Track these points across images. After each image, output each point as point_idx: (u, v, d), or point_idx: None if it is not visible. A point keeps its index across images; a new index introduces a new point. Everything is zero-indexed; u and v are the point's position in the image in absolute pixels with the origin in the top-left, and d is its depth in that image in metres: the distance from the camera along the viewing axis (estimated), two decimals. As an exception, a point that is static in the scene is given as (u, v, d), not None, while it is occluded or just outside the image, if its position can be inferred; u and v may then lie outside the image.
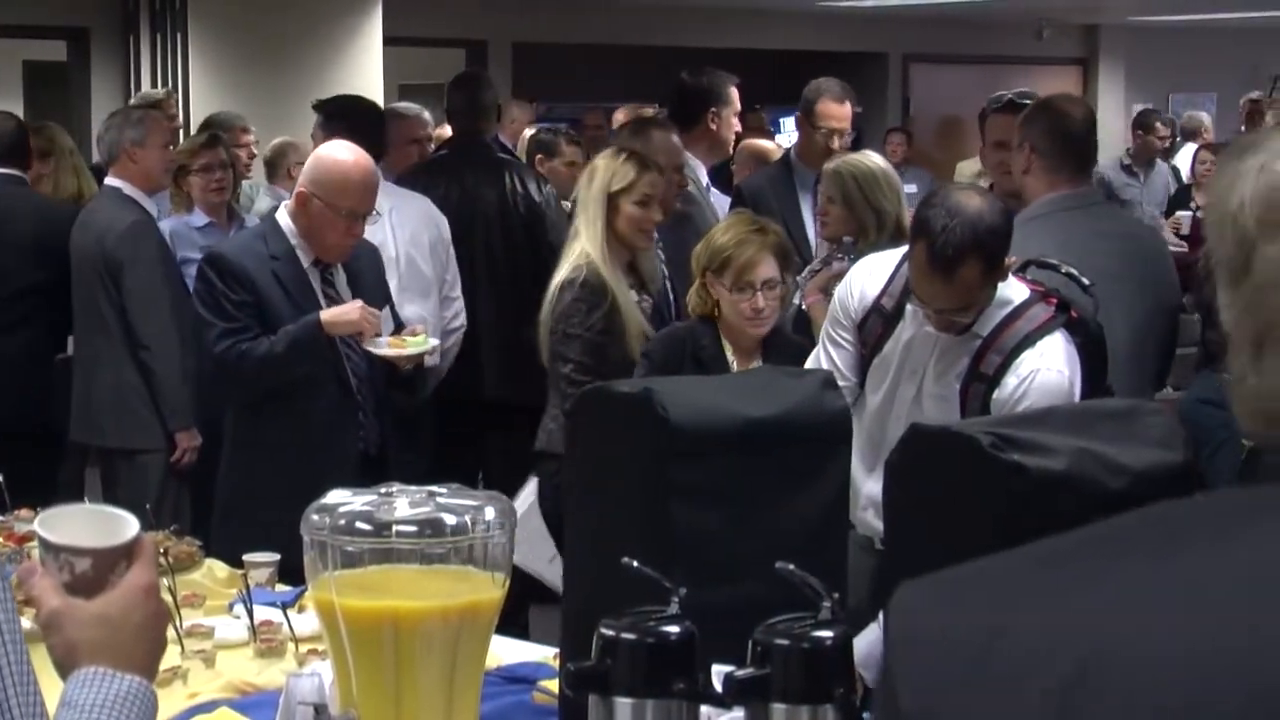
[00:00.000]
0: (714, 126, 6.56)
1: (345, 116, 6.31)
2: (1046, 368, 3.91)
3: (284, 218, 5.10)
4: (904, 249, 4.18)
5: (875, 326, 4.17)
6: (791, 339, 4.94)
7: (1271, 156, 1.15)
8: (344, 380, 5.01)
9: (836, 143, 6.60)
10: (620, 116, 8.80)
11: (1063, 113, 5.10)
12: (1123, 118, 16.87)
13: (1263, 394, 1.12)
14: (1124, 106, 17.48)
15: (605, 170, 5.19)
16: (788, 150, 7.19)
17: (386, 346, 5.04)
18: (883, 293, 4.17)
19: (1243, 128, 13.13)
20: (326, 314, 4.93)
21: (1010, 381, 3.92)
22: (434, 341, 5.33)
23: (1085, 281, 4.23)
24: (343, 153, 5.13)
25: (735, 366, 4.70)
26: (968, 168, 10.65)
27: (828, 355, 4.22)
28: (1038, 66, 17.23)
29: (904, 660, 1.07)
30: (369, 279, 5.22)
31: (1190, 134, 13.52)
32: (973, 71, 16.52)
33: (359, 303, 4.99)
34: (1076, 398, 3.91)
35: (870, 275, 4.24)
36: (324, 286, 5.08)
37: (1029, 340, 3.94)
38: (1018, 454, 2.70)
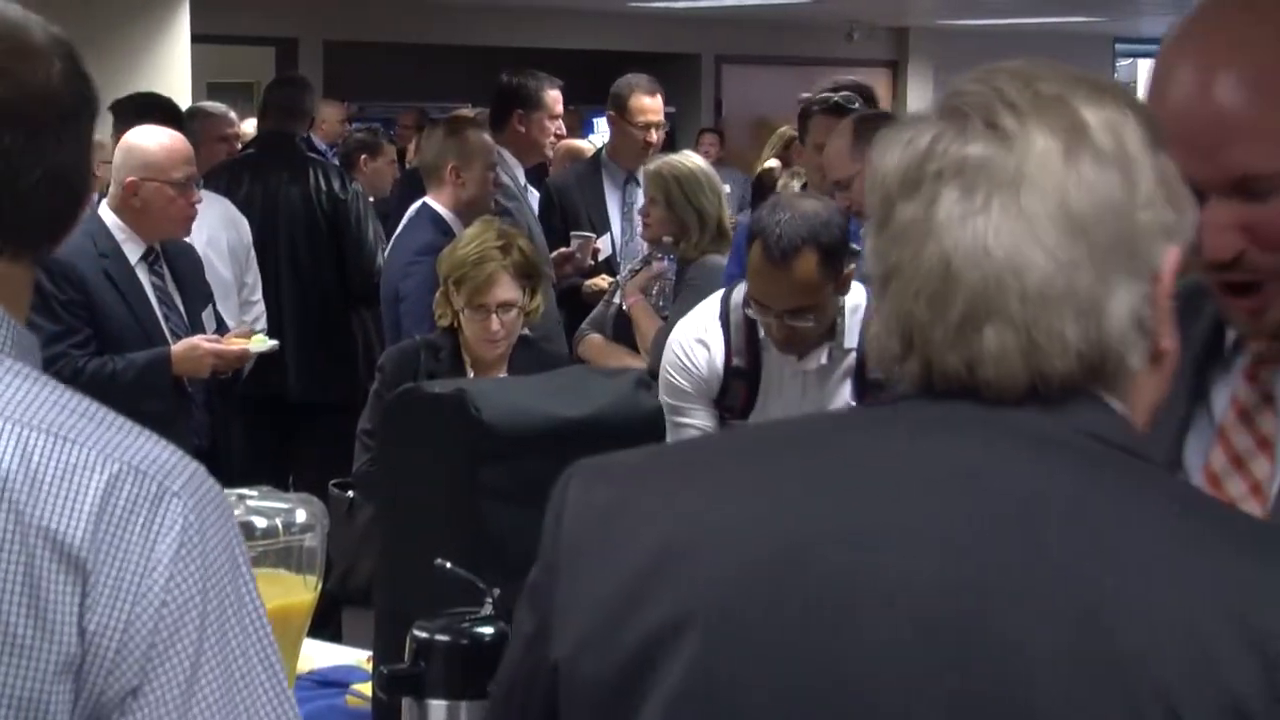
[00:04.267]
0: (521, 128, 6.54)
1: (142, 116, 6.23)
2: None
3: (107, 215, 5.12)
4: (708, 304, 4.12)
5: (739, 390, 4.08)
6: (542, 350, 4.79)
7: (917, 133, 1.34)
8: (177, 376, 4.98)
9: (654, 136, 6.62)
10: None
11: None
12: (931, 119, 17.11)
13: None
14: (932, 108, 17.73)
15: None
16: (599, 149, 7.21)
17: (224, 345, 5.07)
18: (729, 355, 4.08)
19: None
20: (176, 350, 4.91)
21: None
22: (273, 342, 5.32)
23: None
24: (153, 131, 5.24)
25: None
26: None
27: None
28: (849, 68, 17.41)
29: (560, 522, 1.37)
30: (191, 280, 5.24)
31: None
32: (785, 72, 16.66)
33: (200, 341, 4.97)
34: None
35: (702, 345, 4.10)
36: (153, 279, 5.08)
37: None
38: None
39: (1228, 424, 1.91)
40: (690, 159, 5.79)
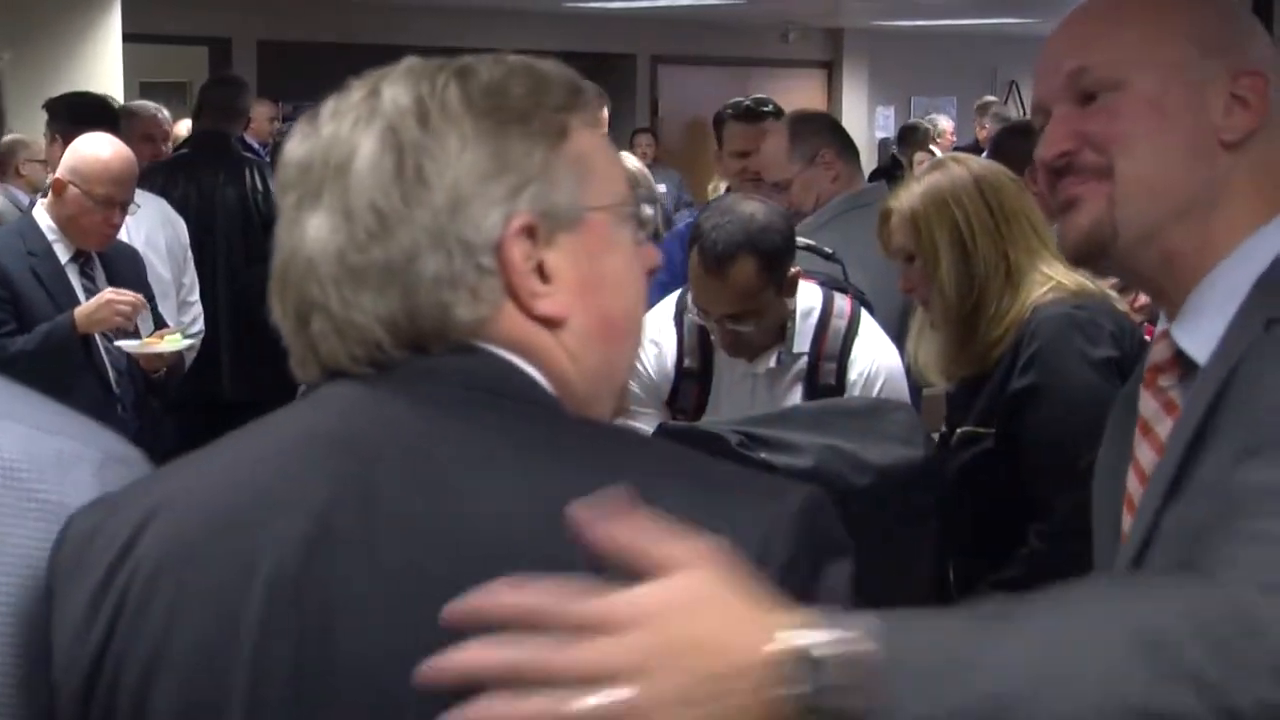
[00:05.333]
0: None
1: (74, 114, 6.20)
2: (878, 353, 3.88)
3: (41, 214, 5.12)
4: (665, 304, 4.11)
5: (690, 391, 4.03)
6: None
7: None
8: (102, 375, 4.95)
9: None
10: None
11: (830, 115, 5.20)
12: (866, 119, 17.17)
13: None
14: (868, 108, 17.79)
15: None
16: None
17: (141, 345, 5.00)
18: (681, 355, 4.04)
19: (978, 130, 13.45)
20: (80, 311, 4.88)
21: (857, 382, 3.87)
22: (188, 340, 5.28)
23: (828, 250, 4.29)
24: (101, 142, 5.20)
25: None
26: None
27: None
28: (784, 69, 17.47)
29: (51, 556, 1.44)
30: (129, 280, 5.20)
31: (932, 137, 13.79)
32: (720, 73, 16.70)
33: (108, 292, 4.94)
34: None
35: (654, 345, 4.06)
36: (83, 281, 5.06)
37: (850, 336, 3.89)
38: (765, 452, 2.72)
39: (1135, 439, 1.89)
40: (628, 161, 5.77)
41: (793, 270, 3.83)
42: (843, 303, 3.93)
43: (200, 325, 6.16)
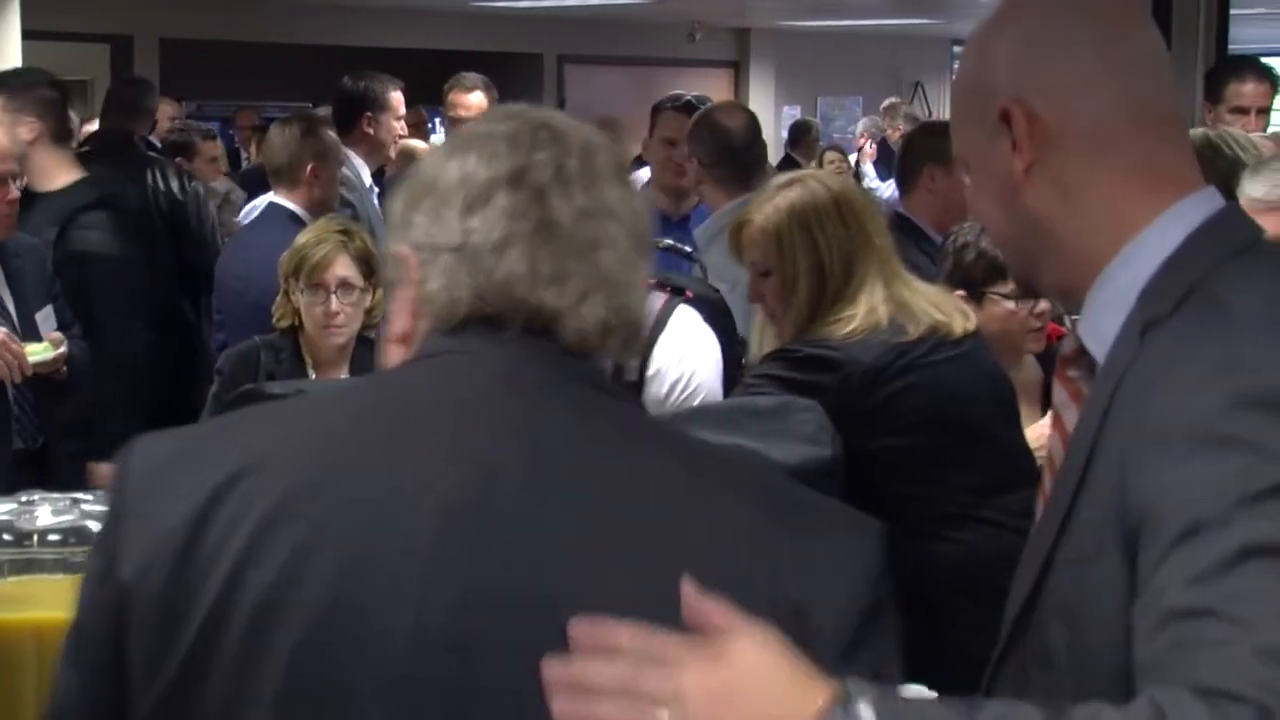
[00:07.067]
0: (370, 130, 6.51)
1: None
2: (683, 351, 3.82)
3: None
4: None
5: None
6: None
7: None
8: None
9: None
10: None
11: (722, 126, 5.24)
12: (773, 119, 17.23)
13: None
14: (774, 108, 17.85)
15: None
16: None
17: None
18: None
19: (889, 130, 13.53)
20: None
21: (653, 378, 3.81)
22: (51, 354, 5.02)
23: (686, 249, 4.35)
24: None
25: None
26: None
27: None
28: (690, 68, 17.50)
29: (124, 478, 1.54)
30: (30, 277, 5.06)
31: (875, 137, 13.90)
32: (627, 72, 16.72)
33: (4, 335, 4.80)
34: (719, 366, 3.90)
35: None
36: None
37: (654, 335, 3.81)
38: (672, 451, 2.71)
39: (1049, 430, 1.95)
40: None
41: None
42: (656, 301, 3.89)
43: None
